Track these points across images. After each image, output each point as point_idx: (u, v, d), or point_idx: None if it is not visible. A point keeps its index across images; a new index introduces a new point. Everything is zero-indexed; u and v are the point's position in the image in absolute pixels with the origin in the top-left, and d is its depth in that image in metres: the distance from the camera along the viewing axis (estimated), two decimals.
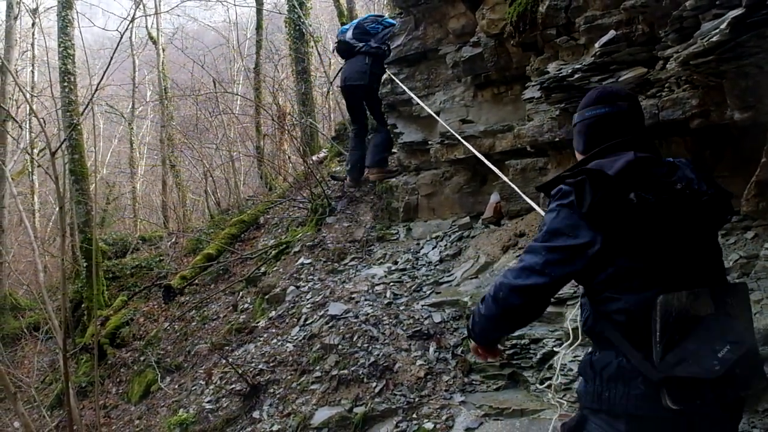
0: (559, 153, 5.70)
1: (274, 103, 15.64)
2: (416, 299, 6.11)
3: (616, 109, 2.41)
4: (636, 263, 2.13)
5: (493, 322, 2.36)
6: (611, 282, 2.17)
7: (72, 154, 11.83)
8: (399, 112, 7.87)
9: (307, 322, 6.32)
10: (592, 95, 2.51)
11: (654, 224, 2.11)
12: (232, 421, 5.66)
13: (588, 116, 2.47)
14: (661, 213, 2.11)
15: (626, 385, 2.10)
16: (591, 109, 2.46)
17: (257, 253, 9.90)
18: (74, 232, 12.55)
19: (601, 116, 2.43)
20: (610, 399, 2.14)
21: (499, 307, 2.28)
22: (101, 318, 10.46)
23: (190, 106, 19.17)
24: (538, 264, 2.18)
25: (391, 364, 5.31)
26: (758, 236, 4.24)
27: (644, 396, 2.07)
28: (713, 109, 3.99)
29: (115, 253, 14.35)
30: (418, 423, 4.75)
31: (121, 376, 9.24)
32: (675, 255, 2.15)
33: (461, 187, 7.22)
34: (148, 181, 24.14)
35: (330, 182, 9.84)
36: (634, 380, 2.09)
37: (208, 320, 8.84)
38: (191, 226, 15.91)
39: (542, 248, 2.20)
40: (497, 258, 6.04)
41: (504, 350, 4.93)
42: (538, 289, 2.20)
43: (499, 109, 6.69)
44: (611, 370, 2.16)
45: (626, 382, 2.11)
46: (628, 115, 2.41)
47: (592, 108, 2.46)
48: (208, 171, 16.07)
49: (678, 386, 1.99)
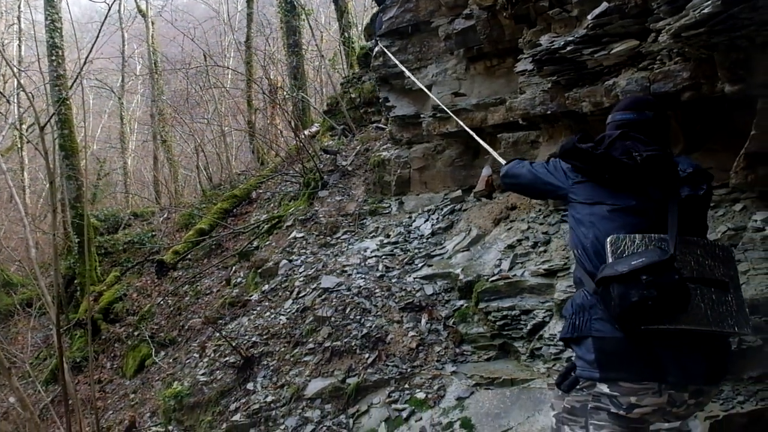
0: (551, 126, 5.70)
1: (265, 77, 15.53)
2: (408, 272, 6.15)
3: (643, 116, 2.83)
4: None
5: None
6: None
7: (61, 129, 11.75)
8: (391, 86, 7.84)
9: (300, 295, 6.36)
10: (628, 101, 2.95)
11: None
12: (226, 393, 5.71)
13: (618, 119, 2.89)
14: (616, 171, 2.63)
15: (588, 312, 2.56)
16: (622, 113, 2.89)
17: (250, 227, 9.92)
18: (65, 207, 12.51)
19: (627, 121, 2.85)
20: (579, 325, 2.57)
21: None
22: (94, 293, 10.48)
23: (181, 80, 19.04)
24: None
25: (383, 336, 5.36)
26: (746, 208, 4.27)
27: (602, 320, 2.51)
28: (704, 82, 4.00)
29: (107, 228, 14.33)
30: (410, 393, 4.82)
31: (115, 351, 9.30)
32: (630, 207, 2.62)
33: (453, 160, 7.23)
34: (139, 157, 24.02)
35: (322, 156, 9.82)
36: (594, 307, 2.54)
37: (201, 294, 8.88)
38: (183, 201, 15.89)
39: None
40: (489, 231, 6.07)
41: (495, 322, 4.98)
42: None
43: (491, 82, 6.67)
44: (578, 300, 2.62)
45: (588, 310, 2.56)
46: (649, 122, 2.82)
47: (622, 112, 2.90)
48: (200, 146, 16.00)
49: (603, 301, 2.45)
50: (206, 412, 5.74)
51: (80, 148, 12.91)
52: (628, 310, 2.35)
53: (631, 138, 2.70)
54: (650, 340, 2.43)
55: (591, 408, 2.57)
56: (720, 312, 2.44)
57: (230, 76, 19.62)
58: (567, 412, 2.68)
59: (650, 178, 2.64)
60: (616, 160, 2.63)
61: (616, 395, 2.47)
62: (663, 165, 2.66)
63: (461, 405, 4.52)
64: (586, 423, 2.59)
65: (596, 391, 2.53)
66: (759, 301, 3.52)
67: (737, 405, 3.53)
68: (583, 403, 2.60)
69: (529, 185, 3.12)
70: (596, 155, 2.67)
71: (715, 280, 2.51)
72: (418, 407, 4.66)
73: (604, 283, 2.43)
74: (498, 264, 5.40)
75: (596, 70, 4.59)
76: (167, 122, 18.93)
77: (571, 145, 2.75)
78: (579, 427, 2.61)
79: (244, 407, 5.37)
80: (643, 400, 2.45)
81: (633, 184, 2.64)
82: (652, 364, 2.44)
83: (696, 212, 2.72)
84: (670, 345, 2.44)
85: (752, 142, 3.82)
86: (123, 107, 22.78)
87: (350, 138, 10.71)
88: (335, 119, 11.93)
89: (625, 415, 2.48)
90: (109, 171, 23.29)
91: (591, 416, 2.57)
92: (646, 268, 2.33)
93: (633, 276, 2.34)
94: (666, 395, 2.46)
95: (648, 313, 2.35)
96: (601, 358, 2.49)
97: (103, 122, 25.89)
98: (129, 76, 23.66)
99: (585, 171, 2.76)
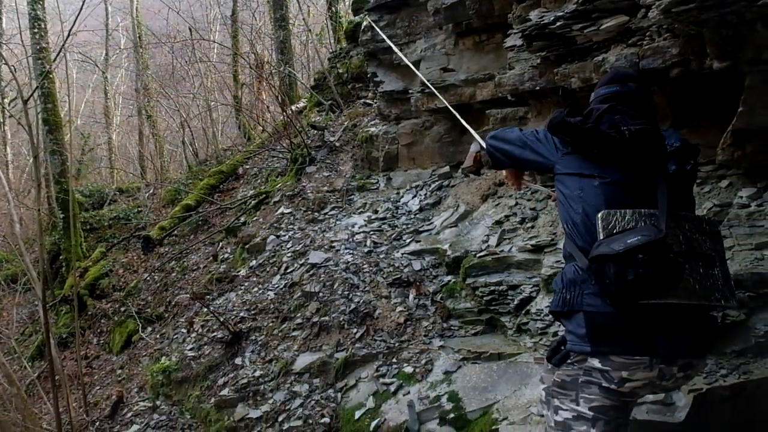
0: (540, 102, 5.69)
1: (251, 52, 15.37)
2: (396, 247, 6.16)
3: (626, 88, 2.83)
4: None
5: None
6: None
7: (45, 103, 11.58)
8: (379, 61, 7.78)
9: (288, 271, 6.36)
10: (611, 75, 2.97)
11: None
12: (214, 368, 5.73)
13: (602, 93, 2.88)
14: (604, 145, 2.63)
15: (580, 287, 2.55)
16: (606, 87, 2.89)
17: (237, 203, 9.88)
18: (50, 183, 12.38)
19: (612, 93, 2.84)
20: (570, 300, 2.57)
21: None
22: (80, 269, 10.42)
23: (166, 54, 18.78)
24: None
25: (371, 311, 5.39)
26: (732, 185, 4.31)
27: (593, 294, 2.50)
28: (693, 59, 4.00)
29: (92, 204, 14.22)
30: (398, 367, 4.85)
31: (101, 327, 9.27)
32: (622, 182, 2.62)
33: (441, 136, 7.21)
34: (124, 132, 23.76)
35: (310, 132, 9.77)
36: (586, 282, 2.53)
37: (188, 270, 8.86)
38: (169, 176, 15.79)
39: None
40: (476, 207, 6.08)
41: (482, 297, 5.02)
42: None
43: (480, 57, 6.64)
44: (569, 275, 2.62)
45: (580, 284, 2.56)
46: (633, 93, 2.83)
47: (606, 86, 2.89)
48: (185, 121, 15.84)
49: (598, 278, 2.43)
50: (194, 386, 5.76)
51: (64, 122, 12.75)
52: (624, 288, 2.35)
53: (619, 112, 2.70)
54: (641, 315, 2.45)
55: (582, 382, 2.58)
56: (707, 286, 2.47)
57: (216, 51, 19.36)
58: (557, 385, 2.68)
59: (638, 152, 2.63)
60: (604, 134, 2.62)
61: (607, 369, 2.50)
62: (651, 139, 2.66)
63: (449, 379, 4.56)
64: (577, 396, 2.59)
65: (587, 366, 2.55)
66: (743, 276, 3.56)
67: (720, 378, 3.58)
68: (574, 377, 2.60)
69: (516, 150, 3.02)
70: (585, 129, 2.66)
71: (702, 255, 2.53)
72: (406, 381, 4.70)
73: (599, 261, 2.42)
74: (486, 240, 5.42)
75: (586, 46, 4.58)
76: (152, 97, 18.72)
77: (560, 118, 2.73)
78: (569, 400, 2.62)
79: (233, 382, 5.39)
80: (634, 375, 2.48)
81: (621, 158, 2.63)
82: (643, 339, 2.46)
83: (683, 187, 2.73)
84: (660, 319, 2.46)
85: (739, 119, 3.84)
86: (107, 81, 22.49)
87: (338, 113, 10.65)
88: (323, 94, 11.84)
89: (616, 389, 2.51)
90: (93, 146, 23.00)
91: (581, 390, 2.58)
92: (642, 247, 2.33)
93: (629, 255, 2.33)
94: (657, 369, 2.48)
95: (643, 290, 2.35)
96: (592, 333, 2.50)
97: (87, 96, 25.49)
98: (113, 50, 23.32)
99: (573, 145, 2.74)
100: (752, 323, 3.67)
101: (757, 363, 3.63)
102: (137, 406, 6.29)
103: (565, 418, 2.64)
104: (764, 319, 3.67)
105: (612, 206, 2.54)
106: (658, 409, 3.49)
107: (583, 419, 2.58)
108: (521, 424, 3.78)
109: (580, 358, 2.57)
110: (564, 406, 2.65)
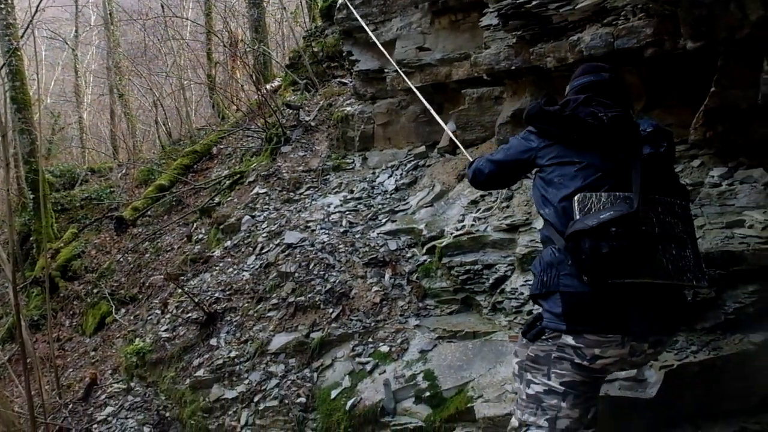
0: (515, 82, 5.69)
1: (225, 30, 15.15)
2: (372, 227, 6.15)
3: (600, 78, 3.00)
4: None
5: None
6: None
7: (12, 81, 11.34)
8: (355, 39, 7.71)
9: (263, 251, 6.33)
10: (586, 67, 3.13)
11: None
12: (189, 349, 5.71)
13: (577, 84, 3.04)
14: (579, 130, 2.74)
15: (557, 268, 2.66)
16: (581, 78, 3.05)
17: (211, 183, 9.79)
18: (19, 163, 12.16)
19: (587, 83, 3.00)
20: (548, 281, 2.68)
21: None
22: (51, 251, 10.28)
23: (138, 32, 18.45)
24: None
25: (347, 291, 5.38)
26: (704, 164, 4.35)
27: (570, 275, 2.61)
28: (667, 39, 4.02)
29: (63, 184, 13.99)
30: (374, 346, 4.87)
31: (74, 309, 9.18)
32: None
33: (417, 116, 7.19)
34: (96, 111, 23.35)
35: (285, 111, 9.68)
36: (562, 263, 2.64)
37: (162, 251, 8.78)
38: (142, 156, 15.55)
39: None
40: (452, 186, 6.09)
41: (457, 276, 5.03)
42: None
43: (456, 36, 6.61)
44: (546, 258, 2.73)
45: (556, 266, 2.66)
46: (607, 82, 2.99)
47: (580, 78, 3.06)
48: (158, 100, 15.62)
49: (573, 255, 2.53)
50: (169, 368, 5.73)
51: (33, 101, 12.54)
52: (600, 261, 2.44)
53: (595, 101, 2.82)
54: (615, 294, 2.54)
55: (554, 357, 2.68)
56: (680, 267, 2.57)
57: (189, 28, 19.06)
58: (530, 360, 2.78)
59: (615, 138, 2.74)
60: (583, 120, 2.72)
61: (580, 347, 2.60)
62: (626, 125, 2.77)
63: (424, 358, 4.58)
64: (549, 371, 2.70)
65: (561, 342, 2.65)
66: (714, 254, 3.61)
67: (691, 354, 3.64)
68: (547, 353, 2.70)
69: (500, 168, 3.14)
70: (564, 116, 2.75)
71: (675, 237, 2.62)
72: (382, 360, 4.72)
73: (575, 238, 2.51)
74: (461, 219, 5.43)
75: (561, 26, 4.58)
76: (124, 75, 18.40)
77: (538, 108, 2.83)
78: (541, 374, 2.72)
79: (208, 363, 5.37)
80: (606, 352, 2.59)
81: (599, 144, 2.73)
82: (616, 317, 2.56)
83: (658, 169, 2.81)
84: (633, 298, 2.55)
85: (712, 98, 3.87)
86: (77, 59, 22.01)
87: (313, 93, 10.56)
88: (298, 73, 11.73)
89: (588, 365, 2.62)
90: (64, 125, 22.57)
91: (554, 365, 2.68)
92: (615, 221, 2.43)
93: (603, 228, 2.43)
94: (628, 346, 2.59)
95: (617, 265, 2.45)
96: (568, 312, 2.60)
97: (57, 75, 24.96)
98: (83, 27, 22.78)
99: (552, 134, 2.83)
100: (722, 301, 3.72)
101: (727, 339, 3.70)
102: (111, 388, 6.25)
103: (537, 391, 2.75)
104: (734, 297, 3.73)
105: (590, 190, 2.64)
106: (630, 385, 3.55)
107: (554, 393, 2.69)
108: (496, 402, 3.82)
109: (554, 335, 2.68)
110: (536, 380, 2.75)
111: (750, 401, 3.67)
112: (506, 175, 3.20)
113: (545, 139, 2.86)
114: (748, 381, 3.64)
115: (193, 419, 5.12)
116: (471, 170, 3.35)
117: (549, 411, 2.69)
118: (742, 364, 3.61)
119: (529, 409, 2.76)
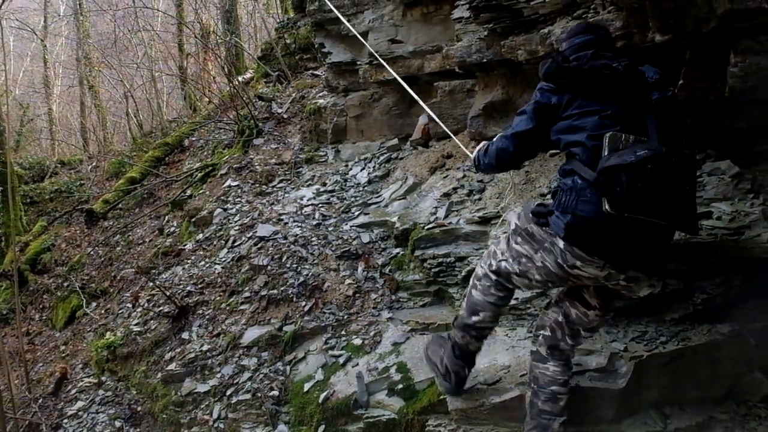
0: (487, 75, 5.71)
1: (197, 21, 14.97)
2: (345, 220, 6.14)
3: (599, 36, 3.20)
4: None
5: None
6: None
7: None
8: (327, 31, 7.67)
9: (236, 244, 6.28)
10: (581, 27, 3.31)
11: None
12: (161, 343, 5.65)
13: (578, 42, 3.18)
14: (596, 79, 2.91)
15: (578, 194, 2.86)
16: (579, 36, 3.20)
17: (183, 176, 9.70)
18: None
19: (588, 41, 3.16)
20: (565, 202, 2.89)
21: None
22: (20, 244, 10.12)
23: (108, 23, 18.11)
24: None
25: (320, 284, 5.37)
26: None
27: (589, 202, 2.81)
28: (636, 32, 4.05)
29: (32, 177, 13.80)
30: (347, 339, 4.87)
31: (44, 303, 9.04)
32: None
33: (390, 108, 7.19)
34: (65, 102, 22.94)
35: (257, 103, 9.61)
36: (584, 190, 2.84)
37: (133, 244, 8.68)
38: (113, 149, 15.38)
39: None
40: (425, 179, 6.10)
41: (430, 269, 5.05)
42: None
43: (428, 29, 6.60)
44: (569, 184, 2.92)
45: (578, 192, 2.86)
46: (605, 39, 3.24)
47: (580, 36, 3.20)
48: (129, 92, 15.42)
49: (607, 186, 2.68)
50: (141, 362, 5.68)
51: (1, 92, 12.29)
52: (634, 194, 2.64)
53: (602, 55, 3.01)
54: (621, 227, 2.77)
55: (546, 245, 3.04)
56: (682, 213, 2.82)
57: (160, 19, 18.80)
58: (527, 233, 3.16)
59: (627, 86, 2.94)
60: (601, 71, 2.91)
61: (567, 253, 2.93)
62: (639, 73, 3.00)
63: (397, 350, 4.59)
64: (537, 250, 3.09)
65: (554, 240, 2.99)
66: (682, 245, 3.66)
67: (660, 345, 3.70)
68: (542, 239, 3.07)
69: (529, 137, 3.18)
70: (584, 69, 2.93)
71: (681, 185, 2.82)
72: (355, 353, 4.72)
73: (610, 172, 2.68)
74: (434, 212, 5.44)
75: (532, 18, 4.60)
76: (94, 67, 18.11)
77: (556, 65, 2.98)
78: (530, 246, 3.13)
79: (180, 356, 5.32)
80: (585, 268, 2.92)
81: (616, 93, 2.92)
82: (609, 247, 2.83)
83: (667, 113, 3.02)
84: (632, 233, 2.78)
85: (680, 91, 3.91)
86: (46, 50, 21.63)
87: (285, 85, 10.49)
88: (270, 65, 11.64)
89: (566, 267, 2.97)
90: (33, 117, 22.18)
91: (542, 250, 3.06)
92: (650, 159, 2.65)
93: (640, 165, 2.63)
94: (606, 271, 2.91)
95: (645, 201, 2.67)
96: (571, 227, 2.86)
97: (26, 66, 24.52)
98: (52, 17, 22.37)
99: (572, 87, 2.97)
100: (691, 292, 3.81)
101: (695, 330, 3.77)
102: (82, 382, 6.17)
103: (519, 251, 3.19)
104: (702, 288, 3.81)
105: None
106: (600, 376, 3.60)
107: (533, 264, 3.11)
108: (468, 394, 3.84)
109: (552, 232, 2.99)
110: (523, 247, 3.17)
111: (718, 390, 3.76)
112: (534, 143, 3.25)
113: (566, 94, 2.99)
114: (716, 370, 3.72)
115: (165, 413, 5.08)
116: (489, 155, 3.40)
117: (523, 266, 3.15)
118: (710, 354, 3.69)
119: (505, 256, 3.24)
